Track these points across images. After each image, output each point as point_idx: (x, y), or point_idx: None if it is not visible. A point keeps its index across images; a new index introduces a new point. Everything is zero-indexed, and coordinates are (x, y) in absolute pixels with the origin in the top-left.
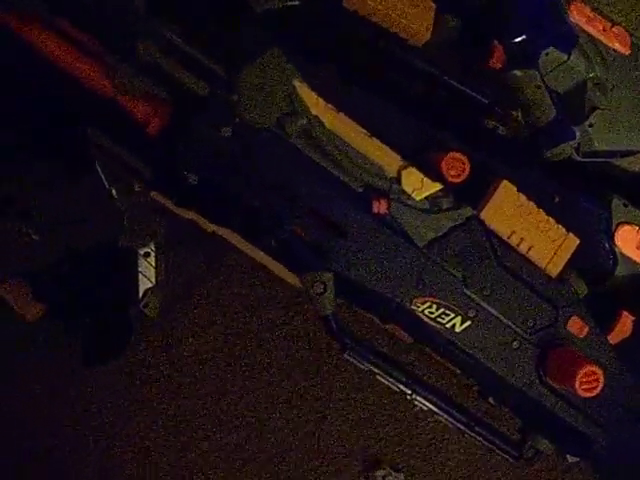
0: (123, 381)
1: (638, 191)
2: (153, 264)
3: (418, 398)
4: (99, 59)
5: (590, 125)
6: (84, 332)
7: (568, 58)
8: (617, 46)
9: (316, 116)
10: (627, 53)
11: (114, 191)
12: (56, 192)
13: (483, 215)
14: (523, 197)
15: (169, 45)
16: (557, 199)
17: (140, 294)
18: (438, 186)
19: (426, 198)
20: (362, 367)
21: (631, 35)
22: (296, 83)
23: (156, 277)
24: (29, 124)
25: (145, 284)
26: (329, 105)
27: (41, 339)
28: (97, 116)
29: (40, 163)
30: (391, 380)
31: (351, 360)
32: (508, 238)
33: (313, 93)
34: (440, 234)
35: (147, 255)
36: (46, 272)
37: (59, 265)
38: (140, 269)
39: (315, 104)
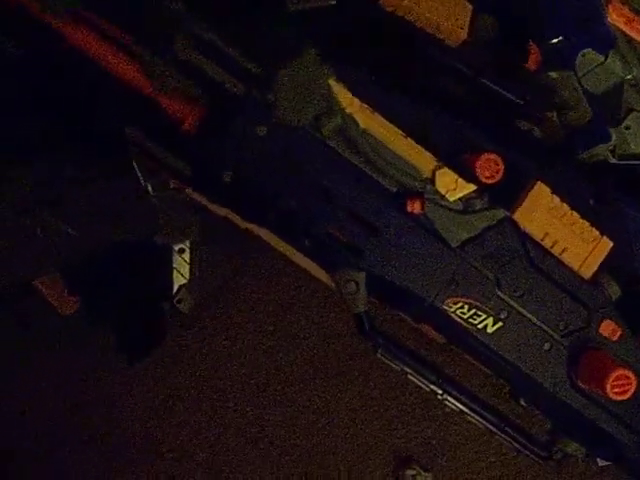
0: (155, 377)
1: None
2: (187, 260)
3: (449, 398)
4: (136, 57)
5: (627, 127)
6: (118, 327)
7: (605, 59)
8: None
9: (351, 116)
10: None
11: (150, 187)
12: (92, 187)
13: (516, 217)
14: (557, 199)
15: (206, 44)
16: (592, 202)
17: (174, 290)
18: (472, 187)
19: (460, 199)
20: (394, 367)
21: None
22: (331, 83)
23: (190, 273)
24: (66, 119)
25: (179, 280)
26: (364, 105)
27: (76, 333)
28: (133, 113)
29: (77, 158)
30: (422, 380)
31: (383, 359)
32: (541, 240)
33: (348, 93)
34: (473, 235)
35: (182, 251)
36: (81, 267)
37: (94, 260)
38: (175, 265)
39: (350, 104)
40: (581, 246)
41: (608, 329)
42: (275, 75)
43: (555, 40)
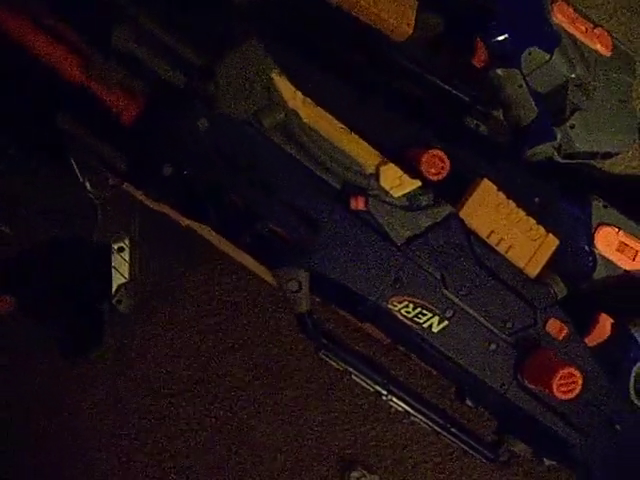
0: (95, 376)
1: (618, 192)
2: (127, 259)
3: (393, 399)
4: (72, 46)
5: (571, 126)
6: (55, 327)
7: (550, 58)
8: (599, 48)
9: (293, 110)
10: (608, 55)
11: (87, 183)
12: (27, 184)
13: (462, 214)
14: (503, 196)
15: (146, 34)
16: (537, 200)
17: (113, 289)
18: (417, 183)
19: (405, 195)
20: (337, 367)
21: (613, 37)
22: (274, 76)
23: (130, 273)
24: None
25: (118, 280)
26: (307, 99)
27: (12, 333)
28: (69, 104)
29: (11, 153)
30: (367, 380)
31: (326, 360)
32: (487, 237)
33: (291, 86)
34: (418, 232)
35: (121, 250)
36: (17, 265)
37: (30, 258)
38: (114, 264)
39: (293, 97)
40: (527, 244)
41: (554, 328)
42: (217, 67)
43: (501, 38)
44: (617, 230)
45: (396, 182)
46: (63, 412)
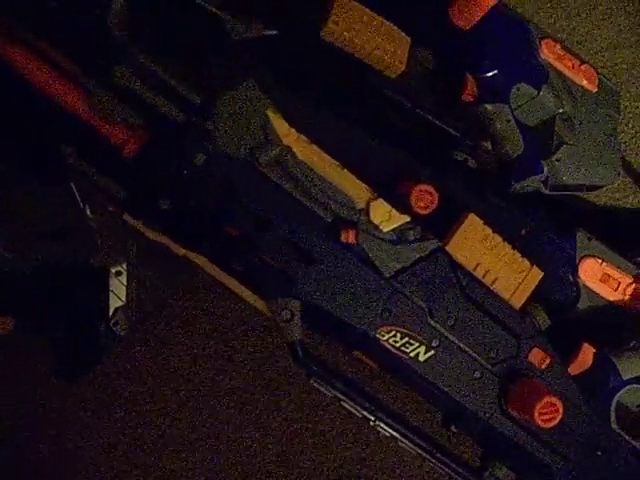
0: (90, 395)
1: (603, 223)
2: (124, 283)
3: (381, 424)
4: (76, 81)
5: (557, 160)
6: (53, 347)
7: (538, 93)
8: (585, 83)
9: (288, 147)
10: (594, 90)
11: (88, 209)
12: (28, 206)
13: (449, 248)
14: (489, 230)
15: (146, 71)
16: (524, 231)
17: (110, 312)
18: (405, 218)
19: (393, 230)
20: (327, 393)
21: (599, 73)
22: (270, 114)
23: (127, 296)
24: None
25: (116, 302)
26: (301, 136)
27: (10, 353)
28: (72, 137)
29: (12, 178)
30: (355, 406)
31: (317, 387)
32: (473, 270)
33: (286, 124)
34: (406, 265)
35: (119, 274)
36: (16, 286)
37: (30, 280)
38: (111, 287)
39: (287, 135)
40: (512, 276)
41: (537, 357)
42: (214, 104)
43: (490, 73)
44: (600, 261)
45: (385, 217)
46: (55, 430)
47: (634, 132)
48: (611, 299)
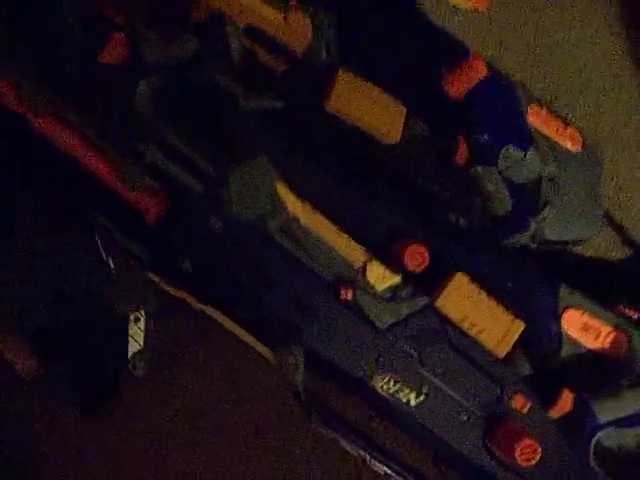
0: (109, 436)
1: (587, 274)
2: (142, 329)
3: (376, 463)
4: (106, 154)
5: (543, 218)
6: (76, 387)
7: (525, 156)
8: (569, 145)
9: (294, 214)
10: (578, 151)
11: (111, 262)
12: (59, 259)
13: (438, 304)
14: (475, 288)
15: (171, 147)
16: (510, 285)
17: (129, 355)
18: (398, 278)
19: (387, 288)
20: (327, 434)
21: (583, 135)
22: (278, 186)
23: (144, 341)
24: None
25: (134, 347)
26: (306, 204)
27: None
28: (102, 201)
29: (46, 231)
30: (352, 446)
31: (318, 428)
32: (460, 323)
33: (292, 194)
34: (399, 319)
35: (137, 320)
36: (45, 331)
37: (57, 324)
38: (130, 333)
39: (293, 203)
40: (496, 328)
41: (519, 402)
42: (229, 176)
43: (481, 138)
44: (582, 312)
45: (380, 277)
46: (70, 463)
47: (617, 188)
48: (591, 347)
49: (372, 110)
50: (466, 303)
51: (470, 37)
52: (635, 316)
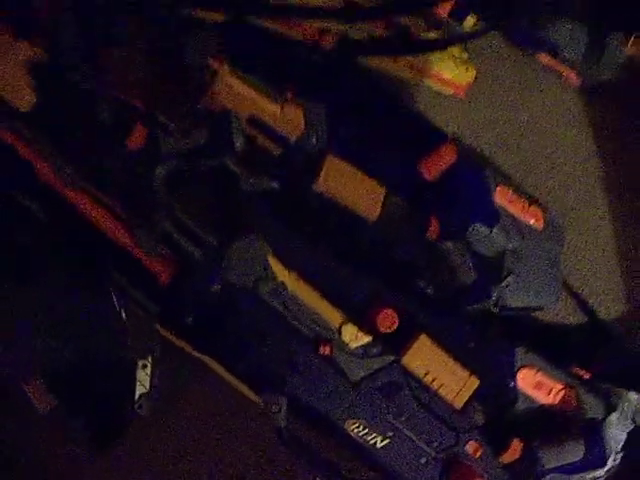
0: (116, 468)
1: (546, 337)
2: (149, 374)
3: None
4: (130, 227)
5: (505, 286)
6: (87, 425)
7: (491, 232)
8: (532, 222)
9: (282, 281)
10: (541, 228)
11: (123, 313)
12: (77, 310)
13: (404, 360)
14: (437, 347)
15: (179, 221)
16: (472, 344)
17: (136, 397)
18: (369, 338)
19: (360, 346)
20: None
21: (545, 213)
22: (269, 257)
23: (150, 384)
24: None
25: (141, 389)
26: (292, 273)
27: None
28: (120, 262)
29: (66, 285)
30: None
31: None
32: (423, 378)
33: (280, 265)
34: (369, 373)
35: (144, 366)
36: (60, 372)
37: (71, 366)
38: (138, 377)
39: (282, 272)
40: (454, 383)
41: (472, 448)
42: (228, 248)
43: (452, 216)
44: (535, 371)
45: (354, 337)
46: None
47: (577, 261)
48: (544, 402)
49: (355, 190)
50: (428, 361)
51: (449, 120)
52: (586, 376)
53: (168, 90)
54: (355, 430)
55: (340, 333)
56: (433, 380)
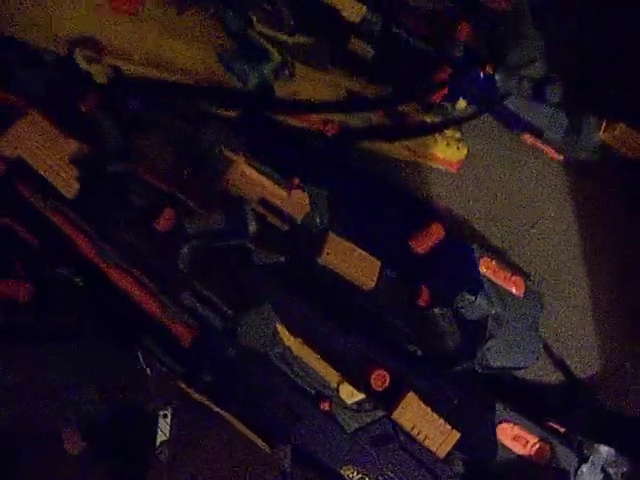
0: None
1: (524, 394)
2: (169, 423)
3: None
4: (153, 293)
5: (487, 349)
6: (112, 466)
7: (475, 299)
8: (514, 290)
9: (288, 346)
10: (521, 295)
11: (149, 371)
12: (109, 371)
13: (393, 415)
14: (422, 404)
15: (201, 295)
16: (456, 401)
17: (157, 444)
18: (362, 396)
19: (355, 402)
20: None
21: (526, 281)
22: (277, 325)
23: (170, 432)
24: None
25: (161, 437)
26: (297, 339)
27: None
28: (148, 326)
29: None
30: None
31: None
32: (410, 430)
33: (287, 332)
34: (362, 425)
35: (165, 416)
36: (92, 420)
37: (101, 416)
38: (159, 426)
39: (288, 338)
40: (437, 436)
41: None
42: (242, 317)
43: (439, 286)
44: (513, 425)
45: (349, 394)
46: None
47: (556, 325)
48: (520, 453)
49: (353, 263)
50: (415, 416)
51: (441, 193)
52: (561, 430)
53: (192, 177)
54: (350, 475)
55: (338, 391)
56: (419, 433)
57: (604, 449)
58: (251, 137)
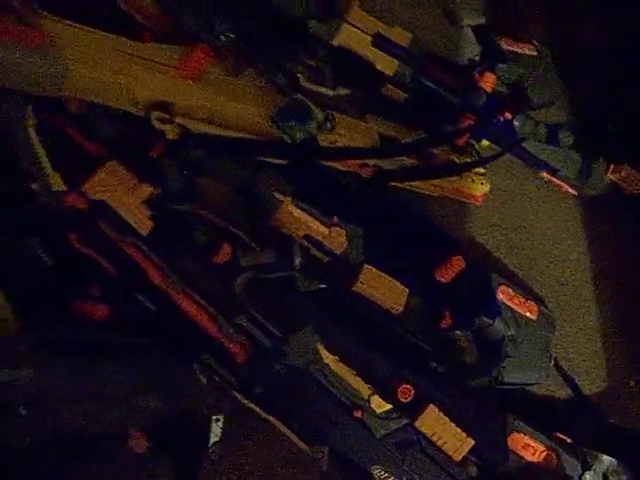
0: None
1: (537, 408)
2: (221, 427)
3: None
4: (213, 316)
5: (503, 367)
6: (170, 464)
7: (493, 323)
8: (528, 314)
9: (327, 363)
10: (535, 318)
11: (204, 379)
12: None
13: (416, 424)
14: (442, 415)
15: (252, 315)
16: (472, 413)
17: (210, 444)
18: (390, 406)
19: (383, 412)
20: None
21: (539, 306)
22: (318, 345)
23: (221, 434)
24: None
25: (214, 438)
26: (335, 357)
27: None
28: (207, 344)
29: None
30: None
31: None
32: (430, 436)
33: (325, 350)
34: (389, 432)
35: (218, 420)
36: (155, 423)
37: (164, 419)
38: (212, 429)
39: (327, 356)
40: (454, 442)
41: None
42: (288, 338)
43: (460, 311)
44: (523, 435)
45: (379, 405)
46: None
47: (567, 345)
48: (529, 460)
49: (384, 291)
50: (435, 424)
51: (465, 224)
52: (567, 440)
53: (247, 217)
54: (378, 474)
55: (369, 402)
56: (438, 439)
57: (606, 459)
58: (297, 182)
